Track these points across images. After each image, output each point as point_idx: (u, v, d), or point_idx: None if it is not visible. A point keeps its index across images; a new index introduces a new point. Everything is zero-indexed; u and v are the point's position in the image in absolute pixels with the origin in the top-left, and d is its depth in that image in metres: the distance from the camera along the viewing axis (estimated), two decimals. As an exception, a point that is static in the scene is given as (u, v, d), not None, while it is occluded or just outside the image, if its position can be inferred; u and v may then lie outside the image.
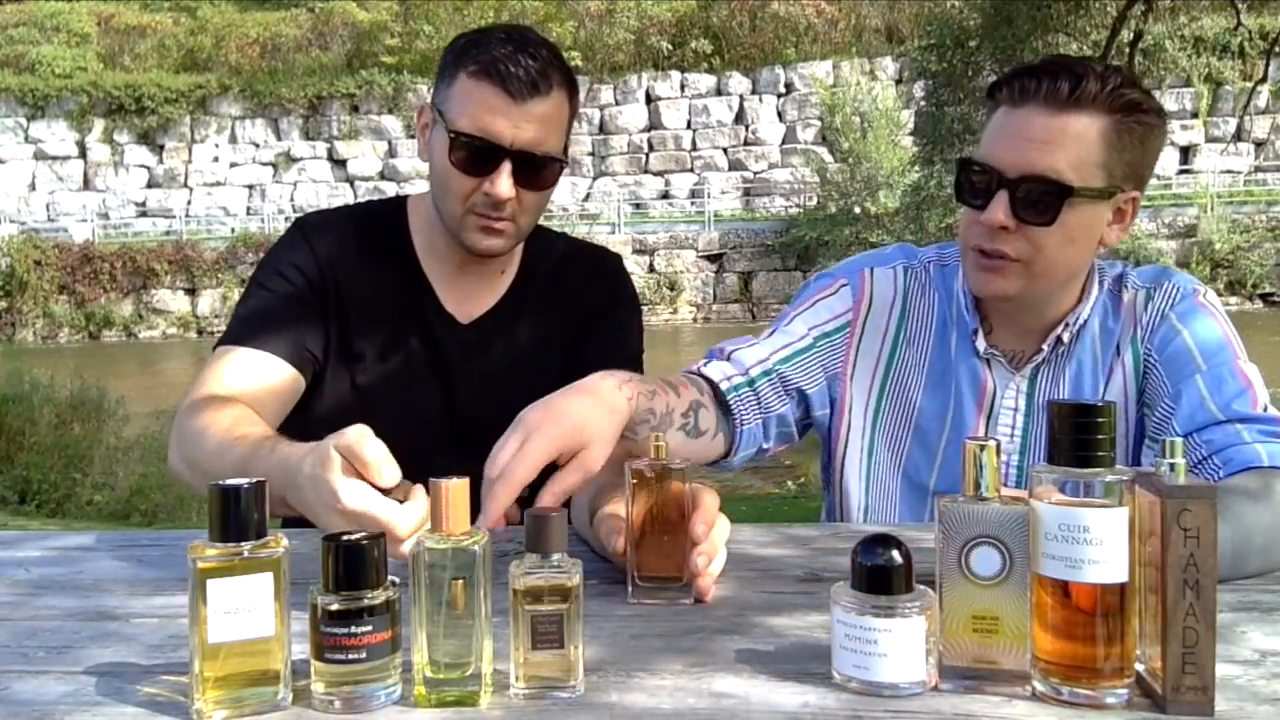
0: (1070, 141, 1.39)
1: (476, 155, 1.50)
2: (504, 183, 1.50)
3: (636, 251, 26.55)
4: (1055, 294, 1.51)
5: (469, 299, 1.68)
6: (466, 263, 1.65)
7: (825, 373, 1.59)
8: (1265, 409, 1.38)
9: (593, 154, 29.79)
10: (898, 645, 0.85)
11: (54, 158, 29.87)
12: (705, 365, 1.52)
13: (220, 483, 0.86)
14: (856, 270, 1.64)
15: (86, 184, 29.97)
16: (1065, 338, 1.52)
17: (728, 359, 1.52)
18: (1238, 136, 27.48)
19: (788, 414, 1.55)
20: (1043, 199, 1.39)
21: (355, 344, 1.63)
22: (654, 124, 29.77)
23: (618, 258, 1.82)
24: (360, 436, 1.10)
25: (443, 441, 1.59)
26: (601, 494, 1.26)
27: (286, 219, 28.85)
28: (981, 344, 1.54)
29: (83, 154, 29.98)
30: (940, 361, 1.57)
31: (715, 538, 1.11)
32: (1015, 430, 1.54)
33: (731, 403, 1.47)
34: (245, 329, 1.58)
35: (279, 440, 1.31)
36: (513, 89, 1.48)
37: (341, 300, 1.63)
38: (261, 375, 1.54)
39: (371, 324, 1.64)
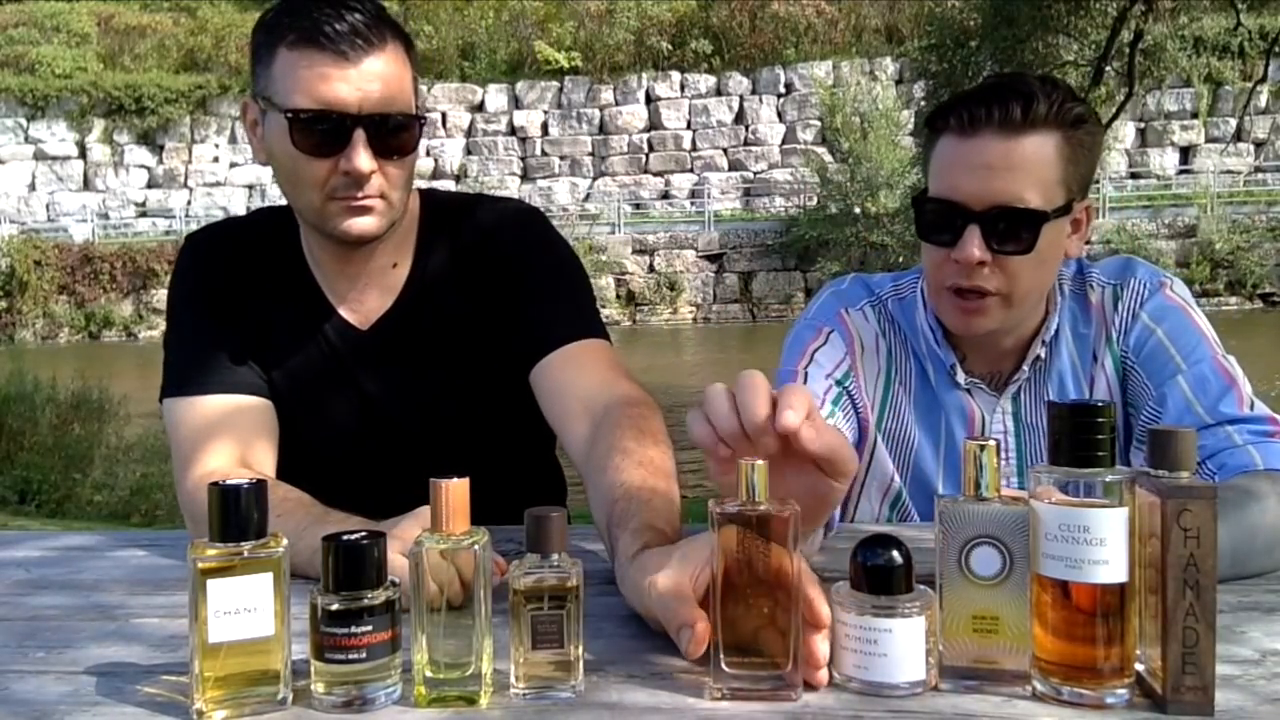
0: (1031, 164, 1.37)
1: (322, 132, 1.33)
2: (361, 156, 1.32)
3: (636, 251, 26.55)
4: (1028, 314, 1.49)
5: (365, 303, 1.51)
6: (347, 262, 1.49)
7: (854, 419, 1.53)
8: (1252, 405, 1.38)
9: (592, 154, 29.77)
10: (898, 645, 0.85)
11: (54, 158, 29.86)
12: None
13: (220, 483, 0.86)
14: (833, 313, 1.57)
15: (86, 184, 29.96)
16: (1043, 354, 1.51)
17: None
18: (1238, 136, 27.47)
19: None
20: (1016, 228, 1.37)
21: (263, 362, 1.49)
22: (654, 124, 29.74)
23: (532, 207, 1.61)
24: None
25: (367, 446, 1.52)
26: (623, 511, 1.12)
27: (286, 219, 28.83)
28: (962, 377, 1.52)
29: (83, 154, 29.98)
30: (925, 397, 1.55)
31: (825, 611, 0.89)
32: (1009, 452, 1.52)
33: None
34: (195, 374, 1.45)
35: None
36: (344, 49, 1.31)
37: (246, 320, 1.49)
38: (240, 422, 1.41)
39: (275, 343, 1.50)
